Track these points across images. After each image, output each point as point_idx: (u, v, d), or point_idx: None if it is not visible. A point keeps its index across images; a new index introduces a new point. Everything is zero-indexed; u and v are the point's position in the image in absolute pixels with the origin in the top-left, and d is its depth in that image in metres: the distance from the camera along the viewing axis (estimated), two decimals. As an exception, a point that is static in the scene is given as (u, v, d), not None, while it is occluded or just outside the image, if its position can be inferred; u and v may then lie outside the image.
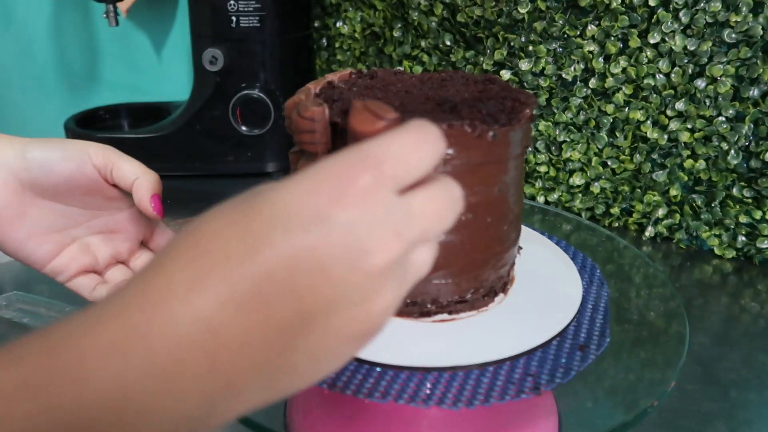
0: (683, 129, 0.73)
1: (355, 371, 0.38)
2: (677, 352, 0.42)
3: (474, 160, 0.39)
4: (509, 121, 0.40)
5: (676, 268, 0.73)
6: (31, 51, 1.34)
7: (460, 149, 0.39)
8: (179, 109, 0.99)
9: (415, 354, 0.39)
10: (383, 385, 0.37)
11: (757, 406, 0.52)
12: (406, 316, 0.42)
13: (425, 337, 0.41)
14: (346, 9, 0.96)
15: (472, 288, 0.43)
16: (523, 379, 0.39)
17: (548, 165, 0.83)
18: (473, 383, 0.38)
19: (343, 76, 0.48)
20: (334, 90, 0.43)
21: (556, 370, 0.40)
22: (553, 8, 0.75)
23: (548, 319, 0.43)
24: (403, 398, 0.36)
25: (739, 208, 0.72)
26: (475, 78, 0.46)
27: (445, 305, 0.43)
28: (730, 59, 0.68)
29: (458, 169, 0.39)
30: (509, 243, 0.45)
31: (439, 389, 0.37)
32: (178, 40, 1.18)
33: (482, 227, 0.42)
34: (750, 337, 0.61)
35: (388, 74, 0.47)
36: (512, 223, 0.44)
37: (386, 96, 0.41)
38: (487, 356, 0.39)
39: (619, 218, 0.81)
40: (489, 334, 0.42)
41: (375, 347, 0.40)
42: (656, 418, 0.50)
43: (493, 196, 0.42)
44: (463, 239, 0.41)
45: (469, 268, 0.42)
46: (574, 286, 0.48)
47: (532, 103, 0.42)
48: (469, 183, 0.40)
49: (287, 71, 0.96)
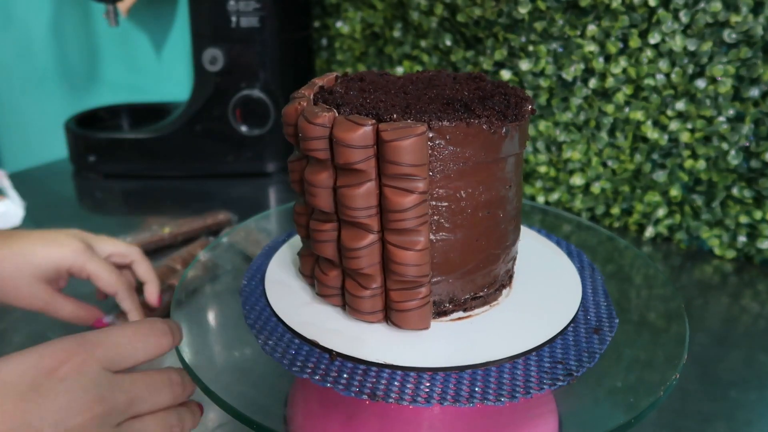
0: (683, 129, 0.73)
1: (382, 375, 0.38)
2: (677, 353, 0.42)
3: (489, 157, 0.40)
4: (517, 117, 0.40)
5: (677, 269, 0.73)
6: (31, 51, 1.34)
7: (478, 147, 0.39)
8: (179, 109, 1.00)
9: (433, 355, 0.40)
10: (397, 386, 0.37)
11: (757, 406, 0.52)
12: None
13: (440, 336, 0.42)
14: (346, 9, 0.96)
15: (486, 283, 0.44)
16: (553, 367, 0.39)
17: (548, 165, 0.83)
18: (509, 376, 0.39)
19: (330, 80, 0.47)
20: (332, 95, 0.43)
21: (581, 355, 0.41)
22: (553, 8, 0.75)
23: (558, 306, 0.45)
24: (444, 399, 0.36)
25: (740, 208, 0.72)
26: (463, 76, 0.47)
27: (461, 302, 0.43)
28: (730, 59, 0.68)
29: (475, 168, 0.40)
30: (516, 236, 0.46)
31: (470, 387, 0.37)
32: (178, 40, 1.18)
33: (496, 223, 0.42)
34: (750, 337, 0.61)
35: (374, 76, 0.48)
36: (518, 216, 0.46)
37: (388, 98, 0.41)
38: (511, 350, 0.40)
39: (619, 218, 0.81)
40: (506, 328, 0.43)
41: (387, 350, 0.40)
42: (656, 418, 0.50)
43: (505, 191, 0.42)
44: (479, 236, 0.42)
45: (485, 264, 0.43)
46: (570, 272, 0.49)
47: (529, 99, 0.43)
48: (484, 180, 0.40)
49: (287, 71, 0.96)
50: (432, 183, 0.39)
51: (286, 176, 0.99)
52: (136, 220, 0.86)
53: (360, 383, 0.38)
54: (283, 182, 0.97)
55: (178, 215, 0.83)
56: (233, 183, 0.96)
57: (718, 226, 0.74)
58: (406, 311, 0.40)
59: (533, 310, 0.44)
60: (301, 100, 0.41)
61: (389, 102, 0.40)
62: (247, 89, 0.93)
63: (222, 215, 0.81)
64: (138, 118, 1.10)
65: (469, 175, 0.40)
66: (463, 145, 0.38)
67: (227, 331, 0.46)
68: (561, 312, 0.44)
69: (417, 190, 0.37)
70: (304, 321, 0.42)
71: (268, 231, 0.61)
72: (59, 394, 0.31)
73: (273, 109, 0.94)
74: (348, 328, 0.42)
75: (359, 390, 0.37)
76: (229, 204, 0.88)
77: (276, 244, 0.54)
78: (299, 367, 0.39)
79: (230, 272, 0.54)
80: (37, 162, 1.08)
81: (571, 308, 0.44)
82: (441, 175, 0.39)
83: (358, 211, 0.38)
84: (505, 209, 0.43)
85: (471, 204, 0.40)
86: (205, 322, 0.48)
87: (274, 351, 0.41)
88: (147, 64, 1.22)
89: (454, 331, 0.42)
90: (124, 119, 1.11)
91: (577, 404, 0.41)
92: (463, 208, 0.40)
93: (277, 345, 0.41)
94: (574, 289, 0.47)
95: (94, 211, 0.91)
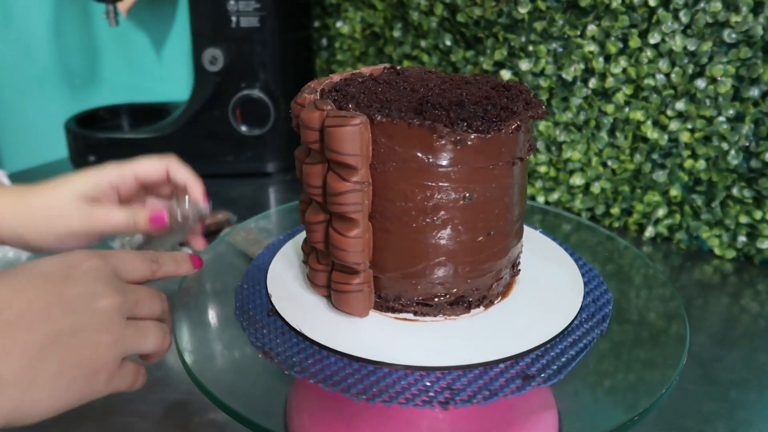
0: (683, 129, 0.73)
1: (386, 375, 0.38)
2: (677, 353, 0.42)
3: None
4: (480, 130, 0.40)
5: (676, 269, 0.73)
6: (31, 51, 1.34)
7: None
8: (179, 109, 0.99)
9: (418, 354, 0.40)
10: (388, 384, 0.37)
11: (757, 406, 0.52)
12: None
13: (441, 336, 0.42)
14: (346, 9, 0.96)
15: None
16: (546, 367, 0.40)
17: (548, 165, 0.83)
18: (509, 374, 0.39)
19: (377, 70, 0.50)
20: (337, 92, 0.44)
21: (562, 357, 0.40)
22: (553, 8, 0.75)
23: (558, 307, 0.45)
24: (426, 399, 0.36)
25: (739, 208, 0.72)
26: (497, 84, 0.47)
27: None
28: (730, 59, 0.68)
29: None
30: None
31: (470, 386, 0.37)
32: (178, 40, 1.18)
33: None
34: (750, 337, 0.61)
35: (415, 72, 0.49)
36: (496, 229, 0.45)
37: (390, 95, 0.42)
38: (511, 350, 0.40)
39: (619, 218, 0.81)
40: (506, 328, 0.43)
41: (378, 348, 0.40)
42: (656, 418, 0.50)
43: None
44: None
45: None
46: (572, 269, 0.50)
47: (525, 89, 0.44)
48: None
49: (287, 71, 0.96)
50: (384, 176, 0.40)
51: (286, 176, 0.99)
52: (136, 220, 0.86)
53: (358, 382, 0.38)
54: (283, 182, 0.97)
55: (178, 215, 0.83)
56: (233, 183, 0.96)
57: (718, 226, 0.74)
58: (342, 293, 0.42)
59: (533, 311, 0.44)
60: (308, 92, 0.43)
61: (404, 98, 0.41)
62: (247, 89, 0.93)
63: (222, 215, 0.81)
64: (138, 118, 1.10)
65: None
66: (404, 145, 0.39)
67: (227, 331, 0.46)
68: (561, 314, 0.44)
69: (351, 178, 0.39)
70: (297, 314, 0.43)
71: (268, 231, 0.61)
72: (86, 282, 0.37)
73: (273, 109, 0.94)
74: (348, 327, 0.42)
75: (362, 391, 0.37)
76: (229, 204, 0.88)
77: (275, 244, 0.54)
78: (296, 367, 0.39)
79: (230, 272, 0.54)
80: (37, 162, 1.08)
81: (570, 310, 0.45)
82: (381, 170, 0.40)
83: (312, 189, 0.41)
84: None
85: (413, 208, 0.40)
86: (205, 322, 0.48)
87: (269, 350, 0.41)
88: (147, 64, 1.22)
89: (454, 331, 0.42)
90: (124, 119, 1.11)
91: (577, 404, 0.41)
92: (402, 208, 0.40)
93: (274, 345, 0.41)
94: (576, 291, 0.47)
95: (94, 211, 0.91)
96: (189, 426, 0.49)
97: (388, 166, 0.39)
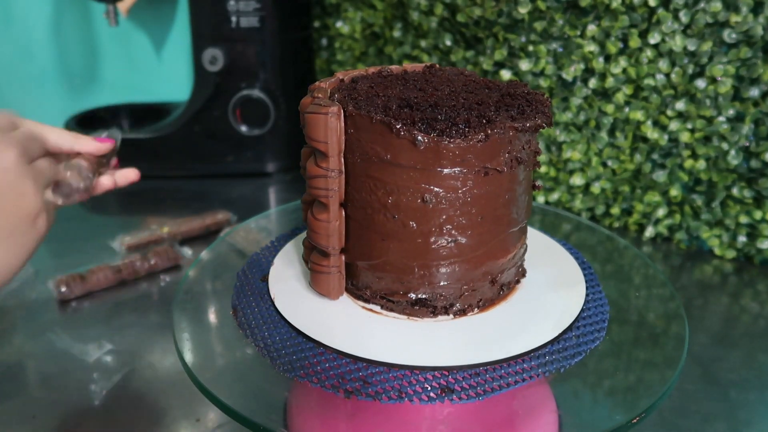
0: (683, 129, 0.73)
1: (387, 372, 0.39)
2: (677, 353, 0.42)
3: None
4: (448, 134, 0.39)
5: (676, 269, 0.73)
6: (31, 51, 1.34)
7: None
8: (179, 109, 0.99)
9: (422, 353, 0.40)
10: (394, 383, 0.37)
11: (757, 406, 0.52)
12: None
13: (440, 335, 0.42)
14: (346, 9, 0.96)
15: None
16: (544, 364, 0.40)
17: (548, 165, 0.83)
18: (508, 374, 0.39)
19: (418, 67, 0.51)
20: (354, 83, 0.45)
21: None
22: (553, 8, 0.75)
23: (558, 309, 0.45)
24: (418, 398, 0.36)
25: (739, 208, 0.72)
26: (509, 89, 0.47)
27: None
28: (730, 59, 0.68)
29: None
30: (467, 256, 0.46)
31: (469, 386, 0.37)
32: (178, 40, 1.18)
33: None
34: (750, 337, 0.61)
35: (439, 72, 0.50)
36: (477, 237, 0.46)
37: (399, 94, 0.42)
38: (511, 350, 0.41)
39: (619, 218, 0.81)
40: (508, 327, 0.43)
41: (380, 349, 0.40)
42: (656, 418, 0.50)
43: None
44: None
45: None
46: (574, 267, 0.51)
47: (544, 101, 0.45)
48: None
49: (287, 71, 0.96)
50: (354, 167, 0.41)
51: (286, 176, 0.99)
52: (135, 220, 0.86)
53: (356, 382, 0.38)
54: (283, 182, 0.97)
55: (177, 215, 0.83)
56: (233, 183, 0.96)
57: (718, 226, 0.74)
58: (315, 273, 0.45)
59: (532, 312, 0.44)
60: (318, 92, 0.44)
61: (381, 94, 0.42)
62: (247, 89, 0.93)
63: (221, 215, 0.81)
64: (138, 118, 1.10)
65: (372, 172, 0.41)
66: (367, 138, 0.39)
67: (227, 331, 0.46)
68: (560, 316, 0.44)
69: (321, 164, 0.41)
70: (300, 316, 0.43)
71: (268, 231, 0.61)
72: None
73: (273, 109, 0.94)
74: (348, 326, 0.42)
75: (358, 389, 0.37)
76: (228, 204, 0.88)
77: (275, 245, 0.54)
78: (294, 367, 0.39)
79: (230, 272, 0.54)
80: (37, 162, 1.07)
81: (570, 312, 0.45)
82: (351, 160, 0.41)
83: (302, 170, 0.44)
84: (415, 222, 0.40)
85: (375, 201, 0.41)
86: (205, 322, 0.48)
87: (269, 350, 0.41)
88: (147, 64, 1.22)
89: (454, 330, 0.42)
90: (124, 119, 1.11)
91: (577, 404, 0.41)
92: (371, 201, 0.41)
93: (273, 345, 0.41)
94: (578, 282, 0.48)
95: (94, 210, 0.91)
96: (189, 426, 0.49)
97: (356, 158, 0.41)
